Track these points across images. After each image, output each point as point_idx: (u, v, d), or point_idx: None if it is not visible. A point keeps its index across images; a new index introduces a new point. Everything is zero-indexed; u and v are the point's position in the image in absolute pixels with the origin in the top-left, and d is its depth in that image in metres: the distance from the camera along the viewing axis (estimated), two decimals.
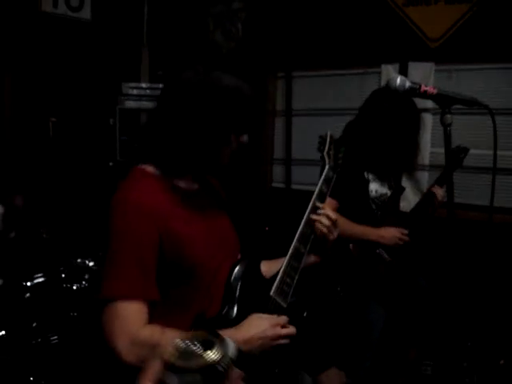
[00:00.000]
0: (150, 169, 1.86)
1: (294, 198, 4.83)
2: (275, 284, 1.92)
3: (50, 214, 3.71)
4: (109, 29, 5.05)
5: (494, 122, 1.86)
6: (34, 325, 2.92)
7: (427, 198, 3.16)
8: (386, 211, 3.20)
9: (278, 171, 5.06)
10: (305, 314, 2.05)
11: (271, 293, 1.90)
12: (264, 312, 1.84)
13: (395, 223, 3.12)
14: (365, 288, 3.06)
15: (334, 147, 2.29)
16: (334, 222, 2.03)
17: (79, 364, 2.91)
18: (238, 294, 1.89)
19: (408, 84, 1.84)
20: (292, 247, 2.00)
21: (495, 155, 1.89)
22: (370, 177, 3.13)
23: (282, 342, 1.80)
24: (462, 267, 2.27)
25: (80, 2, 4.83)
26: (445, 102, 1.84)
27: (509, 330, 3.61)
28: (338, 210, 2.85)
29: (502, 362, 3.43)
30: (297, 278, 1.96)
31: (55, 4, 4.65)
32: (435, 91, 1.83)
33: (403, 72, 4.23)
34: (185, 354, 0.82)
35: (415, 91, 1.84)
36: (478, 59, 4.03)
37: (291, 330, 1.83)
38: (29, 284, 2.97)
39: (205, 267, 1.83)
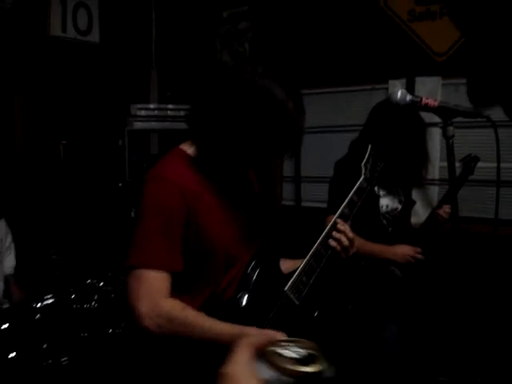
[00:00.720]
0: (189, 150, 1.93)
1: (304, 215, 4.82)
2: (291, 280, 1.96)
3: (60, 235, 3.73)
4: (117, 51, 5.11)
5: (496, 133, 1.86)
6: (45, 346, 2.93)
7: (432, 218, 3.17)
8: (397, 226, 3.19)
9: (287, 189, 5.06)
10: (315, 314, 2.07)
11: (286, 288, 1.94)
12: (275, 305, 1.89)
13: (407, 239, 3.11)
14: (378, 305, 3.04)
15: (372, 160, 2.31)
16: (351, 241, 2.08)
17: None
18: (252, 283, 1.94)
19: (409, 97, 1.84)
20: (314, 248, 2.04)
21: (498, 167, 1.89)
22: (381, 192, 3.13)
23: None
24: (471, 281, 2.27)
25: (88, 26, 4.89)
26: (447, 115, 1.84)
27: None
28: None
29: None
30: (314, 278, 2.00)
31: (64, 28, 4.71)
32: (436, 104, 1.84)
33: (410, 87, 4.23)
34: (285, 356, 0.83)
35: (416, 104, 1.85)
36: None
37: None
38: (39, 305, 2.99)
39: (225, 252, 1.89)
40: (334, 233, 2.07)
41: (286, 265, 2.12)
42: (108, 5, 5.03)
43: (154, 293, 1.73)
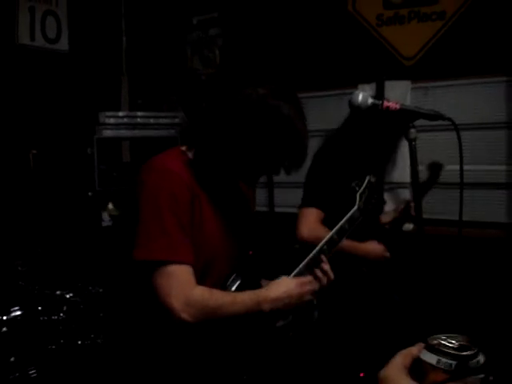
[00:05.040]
0: (188, 152, 1.95)
1: (277, 221, 4.81)
2: None
3: (28, 246, 3.68)
4: (87, 60, 5.05)
5: (458, 135, 1.86)
6: (12, 359, 2.88)
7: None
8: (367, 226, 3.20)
9: (260, 194, 5.04)
10: (290, 334, 2.08)
11: None
12: (254, 328, 1.94)
13: (375, 238, 3.13)
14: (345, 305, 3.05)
15: (368, 191, 2.31)
16: (328, 280, 2.07)
17: None
18: None
19: (370, 100, 1.85)
20: (295, 271, 2.05)
21: (461, 169, 1.89)
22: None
23: (307, 298, 1.97)
24: (434, 281, 2.27)
25: (57, 34, 4.84)
26: (408, 117, 1.84)
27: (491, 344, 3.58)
28: (323, 220, 2.85)
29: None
30: None
31: (32, 37, 4.66)
32: (398, 106, 1.84)
33: (380, 91, 4.24)
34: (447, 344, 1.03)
35: (378, 107, 1.85)
36: (454, 75, 4.05)
37: (314, 285, 2.00)
38: (5, 318, 2.93)
39: (211, 257, 1.91)
40: (317, 272, 2.06)
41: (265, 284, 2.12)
42: (77, 13, 4.97)
43: (184, 286, 1.75)
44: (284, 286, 1.91)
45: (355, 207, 2.25)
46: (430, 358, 1.00)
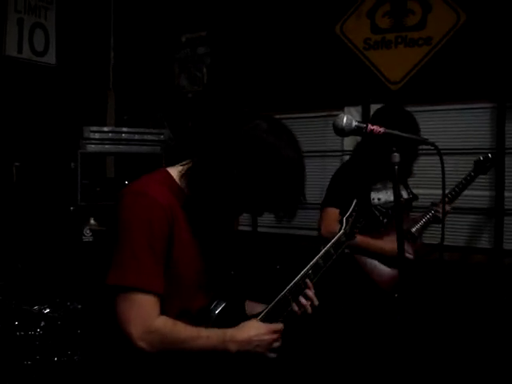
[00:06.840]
0: (177, 178, 1.87)
1: (260, 241, 4.80)
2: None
3: (8, 260, 3.64)
4: (74, 73, 5.05)
5: (441, 160, 1.86)
6: None
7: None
8: (392, 219, 3.20)
9: (244, 214, 5.02)
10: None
11: None
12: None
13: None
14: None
15: (355, 215, 2.28)
16: (312, 306, 2.04)
17: None
18: (214, 319, 1.92)
19: (355, 123, 1.83)
20: (278, 297, 2.01)
21: (443, 194, 1.89)
22: (374, 186, 3.17)
23: (276, 345, 1.92)
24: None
25: (45, 47, 4.84)
26: (392, 141, 1.84)
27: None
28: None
29: None
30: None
31: (20, 49, 4.65)
32: (382, 130, 1.83)
33: (366, 114, 4.27)
34: None
35: (362, 130, 1.84)
36: (439, 100, 4.09)
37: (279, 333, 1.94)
38: None
39: (189, 284, 1.86)
40: (302, 299, 2.03)
41: (249, 307, 2.10)
42: (65, 26, 4.99)
43: (145, 315, 1.72)
44: (254, 330, 1.87)
45: (341, 231, 2.22)
46: None
